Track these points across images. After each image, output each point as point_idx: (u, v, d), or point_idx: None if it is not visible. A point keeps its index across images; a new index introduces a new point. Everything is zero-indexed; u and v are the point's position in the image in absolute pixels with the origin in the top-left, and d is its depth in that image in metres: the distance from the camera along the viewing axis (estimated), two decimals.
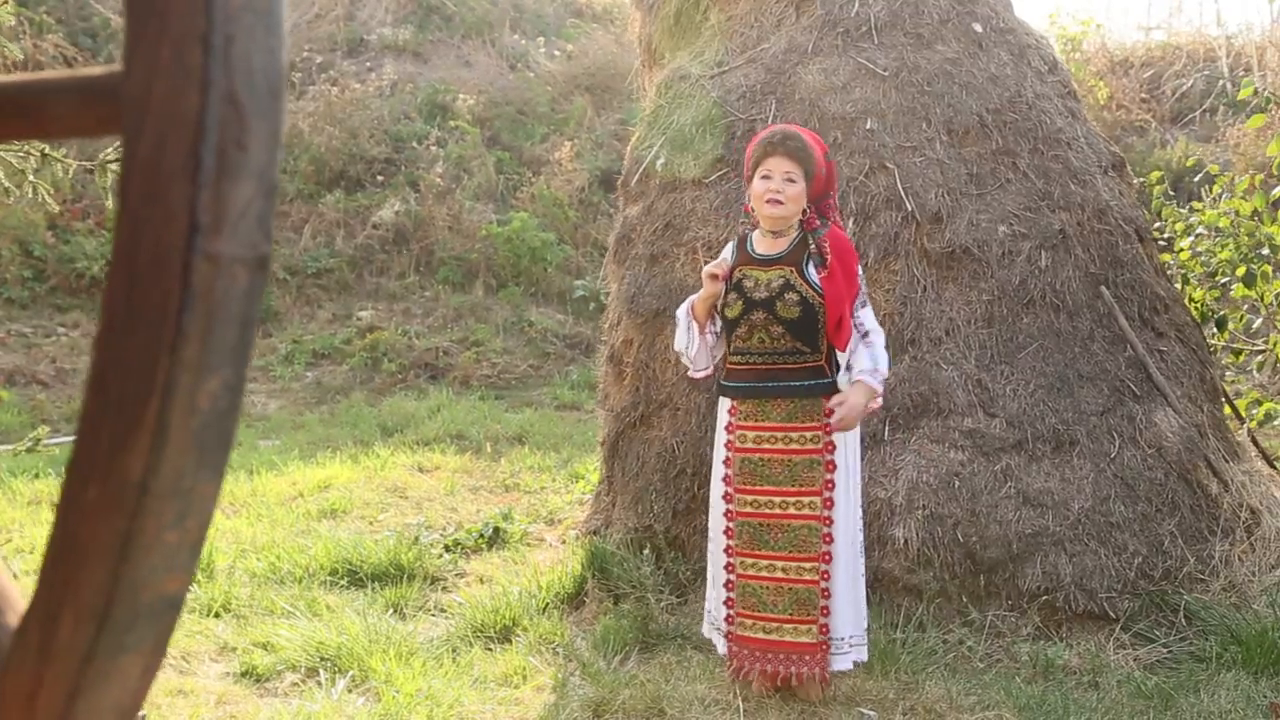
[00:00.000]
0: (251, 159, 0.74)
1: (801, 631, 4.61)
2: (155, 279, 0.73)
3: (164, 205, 0.72)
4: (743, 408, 4.68)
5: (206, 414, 0.75)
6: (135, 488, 0.74)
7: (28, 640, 0.79)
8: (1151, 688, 4.79)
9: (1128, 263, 6.08)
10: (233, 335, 0.75)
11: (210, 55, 0.72)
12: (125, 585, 0.76)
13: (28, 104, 0.81)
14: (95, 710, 0.79)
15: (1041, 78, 6.46)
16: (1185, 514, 5.53)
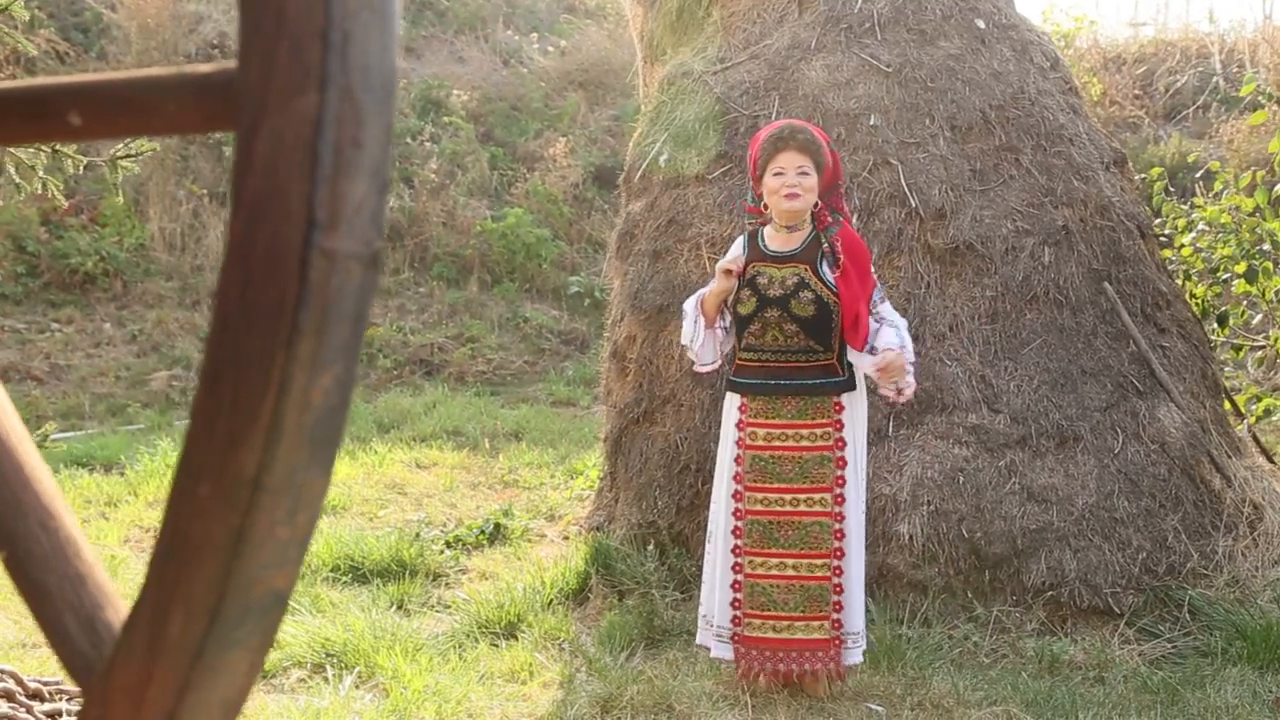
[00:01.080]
0: (366, 156, 0.74)
1: (814, 628, 4.61)
2: (271, 275, 0.73)
3: (281, 202, 0.72)
4: (753, 405, 4.67)
5: (319, 410, 0.76)
6: (249, 484, 0.74)
7: (136, 636, 0.79)
8: (1157, 683, 4.80)
9: (1130, 259, 6.10)
10: (346, 331, 0.76)
11: (328, 52, 0.72)
12: (237, 581, 0.76)
13: (136, 101, 0.81)
14: (204, 705, 0.79)
15: (1044, 74, 6.47)
16: (1189, 509, 5.55)
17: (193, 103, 0.79)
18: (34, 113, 0.86)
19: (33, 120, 0.87)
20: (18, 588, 0.87)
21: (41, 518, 0.89)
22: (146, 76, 0.81)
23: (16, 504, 0.89)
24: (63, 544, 0.88)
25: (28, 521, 0.88)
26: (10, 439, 0.92)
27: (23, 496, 0.89)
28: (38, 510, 0.89)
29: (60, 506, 0.90)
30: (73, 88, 0.84)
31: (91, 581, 0.87)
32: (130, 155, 3.91)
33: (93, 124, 0.83)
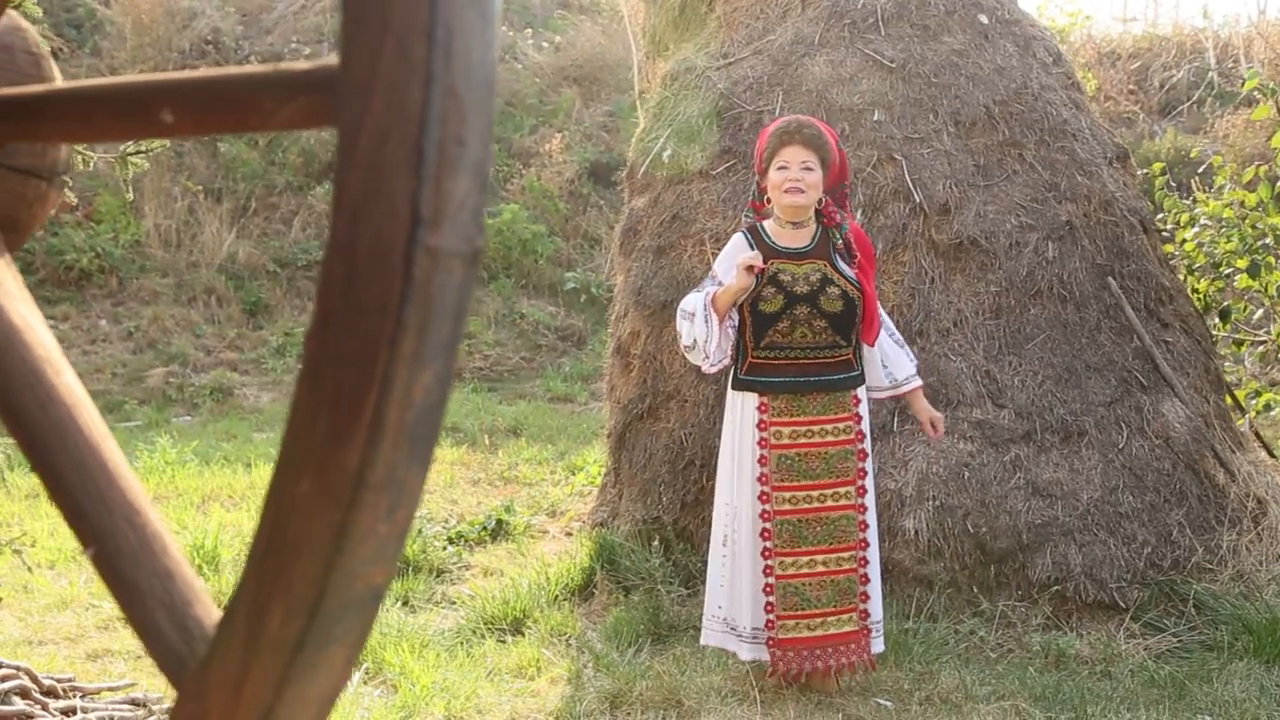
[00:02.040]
0: (469, 153, 0.74)
1: (844, 621, 4.62)
2: (375, 272, 0.73)
3: (386, 199, 0.72)
4: (775, 404, 4.63)
5: (420, 407, 0.76)
6: (351, 480, 0.74)
7: (234, 631, 0.79)
8: (1164, 677, 4.82)
9: (1133, 254, 6.11)
10: (447, 329, 0.76)
11: (433, 49, 0.72)
12: (338, 577, 0.76)
13: (231, 99, 0.81)
14: (302, 700, 0.79)
15: (1047, 69, 6.49)
16: (1193, 504, 5.57)
17: (291, 100, 0.79)
18: (123, 110, 0.86)
19: (122, 117, 0.87)
20: (107, 584, 0.88)
21: (128, 513, 0.89)
22: (241, 74, 0.81)
23: (103, 500, 0.89)
24: (150, 540, 0.88)
25: (114, 518, 0.88)
26: (94, 435, 0.92)
27: (108, 493, 0.89)
28: (124, 506, 0.89)
29: (145, 503, 0.90)
30: (164, 85, 0.84)
31: (180, 578, 0.88)
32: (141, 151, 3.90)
33: (184, 121, 0.83)
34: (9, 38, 1.07)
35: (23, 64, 1.09)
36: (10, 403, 0.92)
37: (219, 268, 13.94)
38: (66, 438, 0.91)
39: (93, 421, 0.93)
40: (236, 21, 16.92)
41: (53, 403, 0.92)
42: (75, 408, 0.93)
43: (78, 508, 0.89)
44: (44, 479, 0.91)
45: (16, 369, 0.93)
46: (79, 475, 0.90)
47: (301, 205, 14.85)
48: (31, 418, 0.91)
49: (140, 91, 0.85)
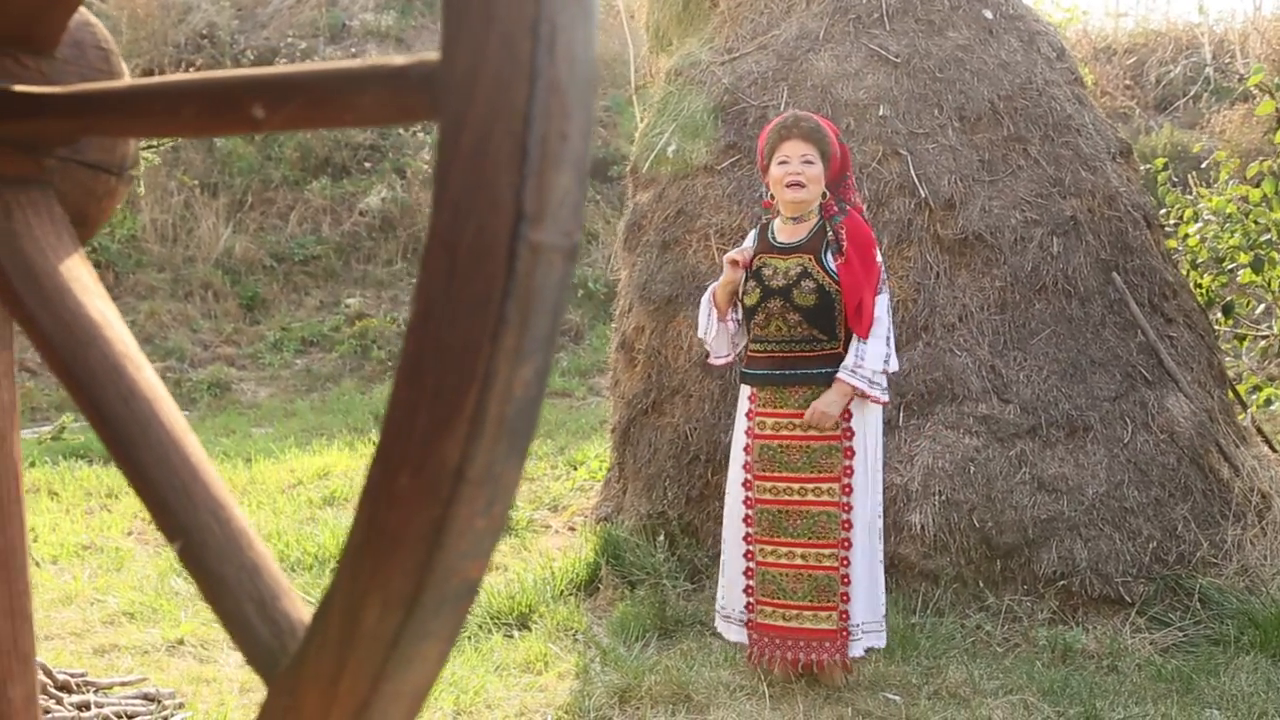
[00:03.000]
0: (571, 148, 0.74)
1: (822, 618, 4.62)
2: (478, 267, 0.73)
3: (489, 194, 0.73)
4: (762, 395, 4.69)
5: (519, 402, 0.76)
6: (451, 475, 0.74)
7: (329, 626, 0.79)
8: (1171, 671, 4.83)
9: (1137, 249, 6.12)
10: (547, 324, 0.76)
11: (538, 45, 0.72)
12: (436, 572, 0.76)
13: (325, 94, 0.81)
14: (397, 695, 0.79)
15: (1050, 64, 6.49)
16: (1198, 499, 5.58)
17: (390, 95, 0.79)
18: (213, 106, 0.86)
19: (211, 112, 0.87)
20: (195, 579, 0.88)
21: (212, 508, 0.89)
22: (336, 69, 0.81)
23: (188, 495, 0.89)
24: (235, 534, 0.88)
25: (199, 512, 0.88)
26: (176, 429, 0.92)
27: (193, 487, 0.89)
28: (208, 501, 0.89)
29: (228, 498, 0.90)
30: (255, 80, 0.84)
31: (266, 572, 0.88)
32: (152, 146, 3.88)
33: (276, 117, 0.83)
34: (80, 33, 1.07)
35: (93, 59, 1.09)
36: (92, 398, 0.92)
37: (215, 263, 13.92)
38: (150, 432, 0.91)
39: (174, 416, 0.92)
40: (232, 16, 16.89)
41: (134, 398, 0.92)
42: (156, 402, 0.93)
43: (163, 502, 0.89)
44: (128, 474, 0.91)
45: (98, 364, 0.93)
46: (164, 470, 0.90)
47: (298, 200, 14.83)
48: (115, 413, 0.91)
49: (230, 86, 0.85)
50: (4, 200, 0.99)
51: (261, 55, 16.34)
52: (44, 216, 1.00)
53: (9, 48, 1.00)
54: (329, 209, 14.78)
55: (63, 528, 6.95)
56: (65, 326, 0.94)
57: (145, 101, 0.90)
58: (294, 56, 16.56)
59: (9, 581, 1.00)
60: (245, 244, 14.17)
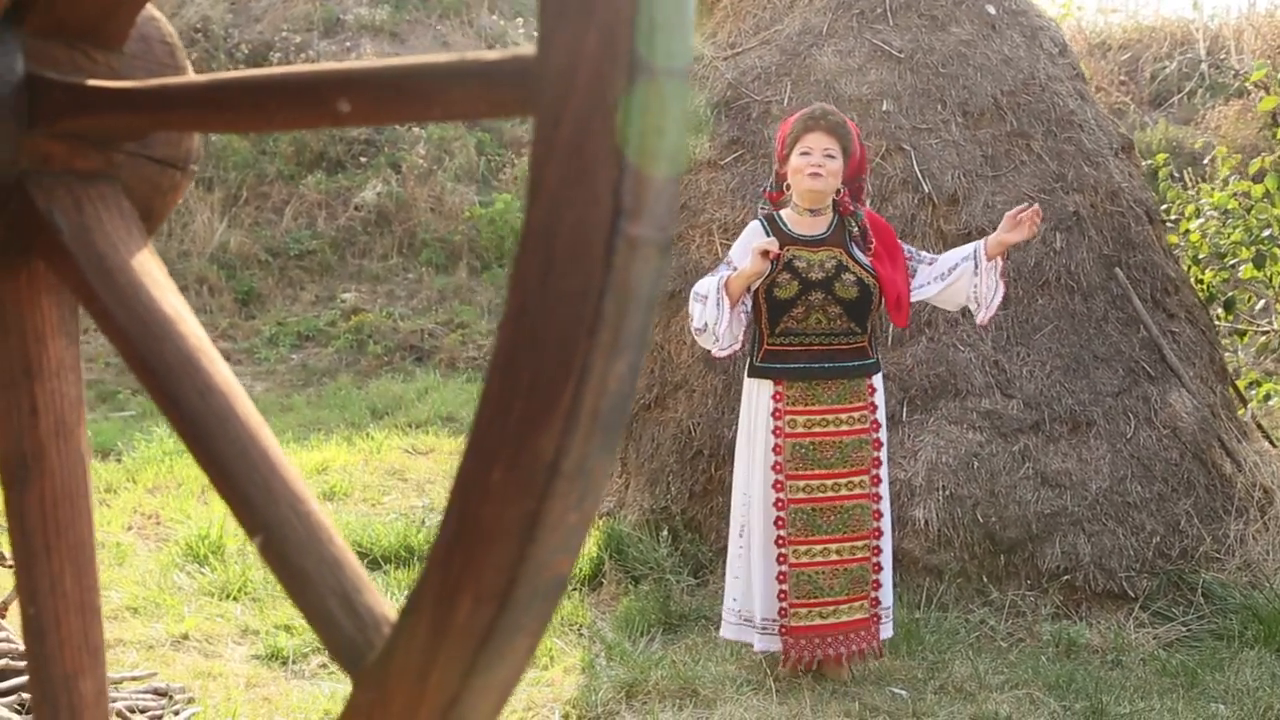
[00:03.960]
0: (668, 142, 0.74)
1: (856, 609, 4.64)
2: (574, 261, 0.73)
3: (588, 188, 0.73)
4: (790, 391, 4.64)
5: (613, 396, 0.76)
6: (546, 470, 0.74)
7: (419, 620, 0.80)
8: (1176, 665, 4.85)
9: (1139, 244, 6.14)
10: (641, 318, 0.76)
11: (637, 38, 0.72)
12: (529, 566, 0.76)
13: (414, 88, 0.81)
14: (486, 688, 0.79)
15: (1053, 60, 6.51)
16: (1200, 494, 5.60)
17: (482, 90, 0.79)
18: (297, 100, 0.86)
19: (294, 107, 0.87)
20: (276, 573, 0.88)
21: (292, 502, 0.89)
22: (425, 64, 0.81)
23: (268, 488, 0.89)
24: (315, 528, 0.88)
25: (280, 506, 0.88)
26: (252, 423, 0.92)
27: (272, 481, 0.89)
28: (288, 495, 0.89)
29: (306, 492, 0.90)
30: (341, 75, 0.84)
31: (348, 565, 0.88)
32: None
33: (363, 111, 0.83)
34: (145, 27, 1.07)
35: (159, 54, 1.09)
36: (169, 393, 0.92)
37: (210, 257, 13.88)
38: (228, 427, 0.91)
39: (250, 410, 0.93)
40: (226, 10, 16.85)
41: (211, 392, 0.92)
42: (232, 396, 0.93)
43: (244, 497, 0.89)
44: (207, 469, 0.91)
45: (173, 359, 0.93)
46: (243, 464, 0.90)
47: (293, 194, 14.79)
48: (192, 407, 0.91)
49: (313, 81, 0.85)
50: (75, 195, 0.99)
51: (255, 49, 16.30)
52: (114, 211, 1.00)
53: (79, 43, 1.00)
54: (324, 203, 14.75)
55: None
56: (140, 321, 0.94)
57: (226, 96, 0.90)
58: (288, 51, 16.53)
59: (79, 576, 1.00)
60: (240, 238, 14.14)
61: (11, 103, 0.96)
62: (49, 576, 0.98)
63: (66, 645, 0.98)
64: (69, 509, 1.00)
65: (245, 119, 0.91)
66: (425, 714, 0.80)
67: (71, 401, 1.01)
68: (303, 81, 0.85)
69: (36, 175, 0.98)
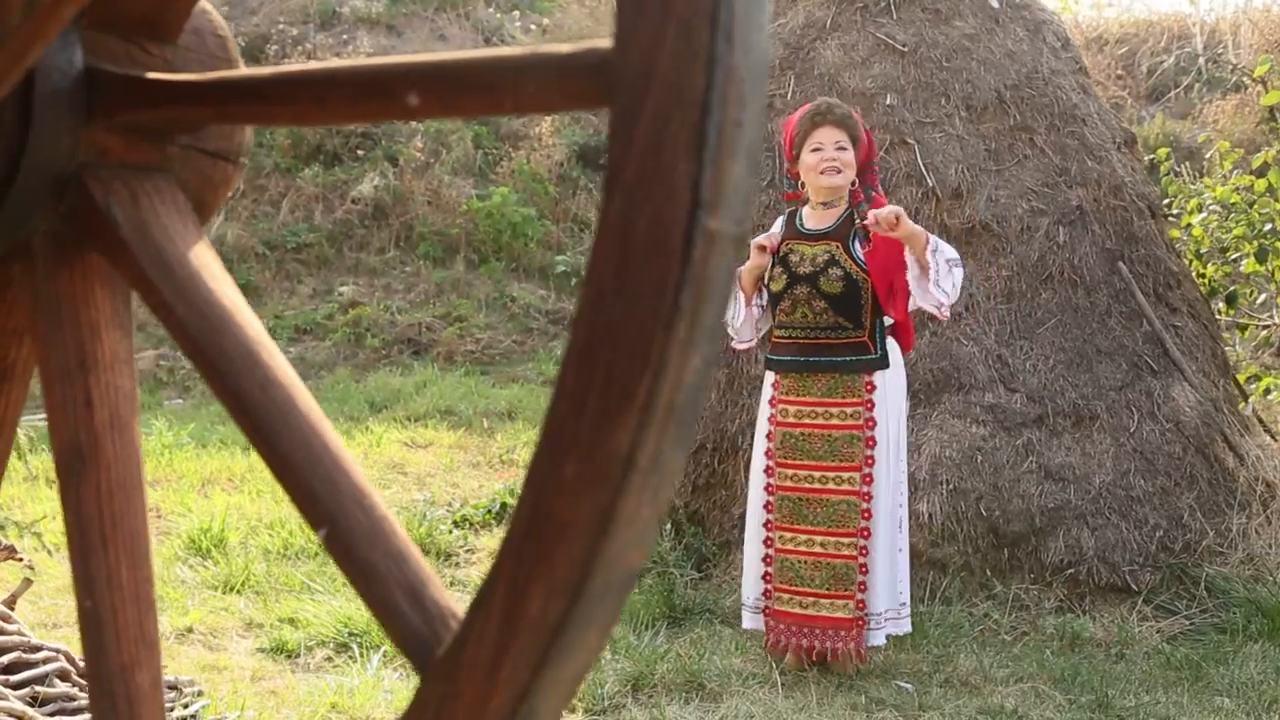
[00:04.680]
0: (746, 136, 0.75)
1: (838, 606, 4.64)
2: (653, 256, 0.73)
3: (666, 182, 0.73)
4: (785, 382, 4.71)
5: (688, 390, 0.76)
6: (621, 464, 0.75)
7: (490, 613, 0.80)
8: (1181, 659, 4.86)
9: (1142, 239, 6.15)
10: (716, 312, 0.76)
11: (716, 32, 0.72)
12: (602, 560, 0.76)
13: (485, 82, 0.81)
14: (557, 682, 0.80)
15: (1056, 54, 6.51)
16: (1203, 488, 5.61)
17: (557, 83, 0.79)
18: (363, 93, 0.86)
19: (361, 100, 0.87)
20: (342, 566, 0.88)
21: (356, 496, 0.89)
22: (496, 57, 0.81)
23: (332, 482, 0.89)
24: (379, 522, 0.88)
25: (344, 500, 0.88)
26: (313, 416, 0.92)
27: (335, 475, 0.89)
28: (351, 489, 0.89)
29: (369, 485, 0.90)
30: (409, 68, 0.84)
31: (413, 559, 0.88)
32: None
33: (432, 104, 0.83)
34: (198, 20, 1.07)
35: (212, 47, 1.09)
36: (230, 387, 0.92)
37: None
38: (290, 420, 0.91)
39: (310, 404, 0.93)
40: (222, 1, 16.81)
41: (272, 385, 0.92)
42: (293, 389, 0.93)
43: (308, 490, 0.88)
44: (270, 462, 0.91)
45: (234, 351, 0.93)
46: (306, 457, 0.90)
47: (290, 187, 14.77)
48: (254, 401, 0.91)
49: (381, 74, 0.85)
50: (131, 188, 0.98)
51: (251, 42, 16.27)
52: (169, 204, 1.00)
53: (135, 36, 1.00)
54: (321, 196, 14.72)
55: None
56: (199, 314, 0.94)
57: (290, 89, 0.90)
58: (284, 43, 16.49)
59: (135, 568, 1.00)
60: (237, 232, 14.10)
61: (70, 95, 0.96)
62: (105, 569, 0.98)
63: (123, 637, 0.98)
64: (124, 501, 1.00)
65: (308, 112, 0.91)
66: (495, 707, 0.80)
67: (126, 394, 1.01)
68: (369, 75, 0.85)
69: (93, 168, 0.98)
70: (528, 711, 0.80)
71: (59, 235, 1.00)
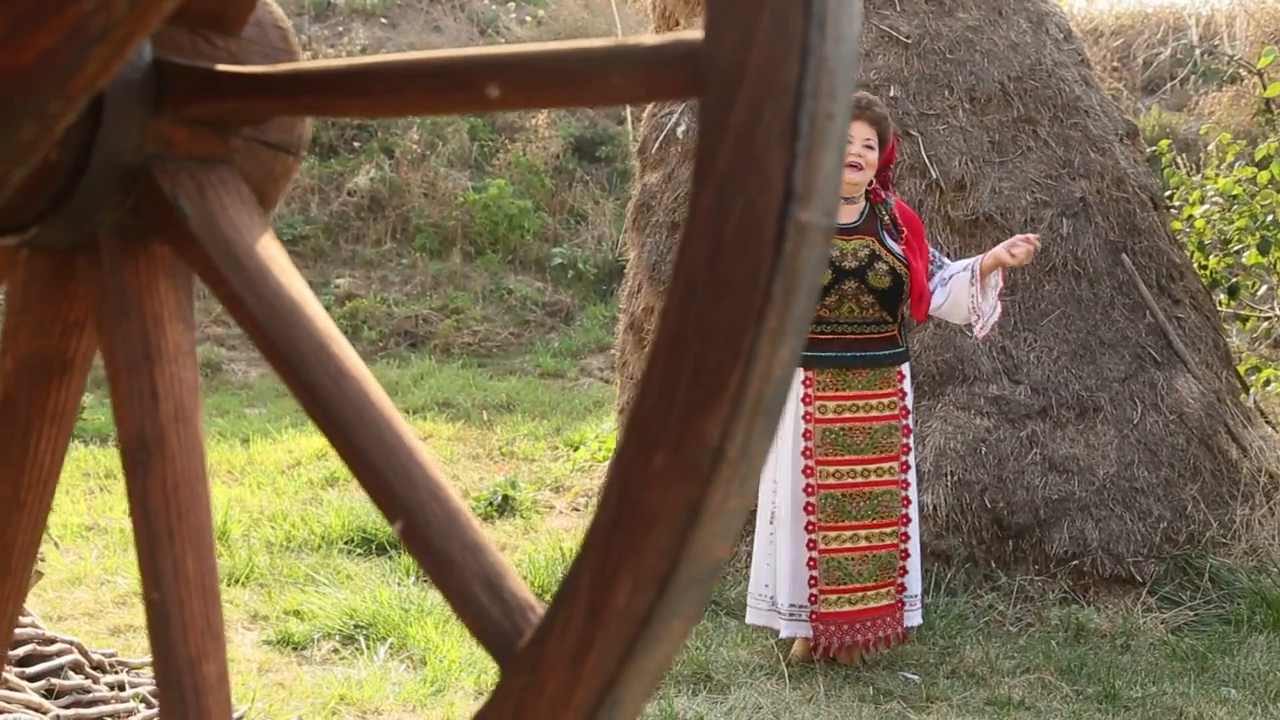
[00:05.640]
0: (836, 127, 0.74)
1: (882, 594, 4.66)
2: (744, 246, 0.73)
3: (758, 173, 0.73)
4: (821, 378, 4.65)
5: (777, 382, 0.76)
6: (711, 455, 0.75)
7: (575, 604, 0.80)
8: (1186, 650, 4.88)
9: (1145, 230, 6.16)
10: (806, 304, 0.76)
11: (810, 23, 0.72)
12: (690, 552, 0.76)
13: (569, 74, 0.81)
14: (642, 673, 0.80)
15: (1059, 45, 6.51)
16: (1207, 479, 5.62)
17: (644, 74, 0.79)
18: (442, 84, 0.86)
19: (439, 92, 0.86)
20: (419, 558, 0.87)
21: (430, 488, 0.89)
22: (578, 49, 0.81)
23: (407, 474, 0.89)
24: (455, 514, 0.88)
25: (419, 492, 0.88)
26: (386, 409, 0.92)
27: (410, 467, 0.89)
28: (426, 481, 0.89)
29: (443, 477, 0.90)
30: (491, 59, 0.84)
31: (489, 551, 0.88)
32: None
33: (513, 96, 0.83)
34: (260, 11, 1.07)
35: (274, 38, 1.09)
36: (304, 379, 0.92)
37: None
38: (364, 412, 0.90)
39: (381, 396, 0.92)
40: None
41: (345, 377, 0.92)
42: (364, 381, 0.93)
43: (384, 482, 0.88)
44: (344, 454, 0.91)
45: (305, 344, 0.93)
46: (381, 449, 0.89)
47: None
48: (327, 393, 0.91)
49: (460, 65, 0.84)
50: (197, 180, 0.98)
51: None
52: (234, 196, 0.99)
53: (201, 28, 1.00)
54: (317, 188, 14.69)
55: (64, 508, 6.91)
56: (269, 307, 0.94)
57: (364, 81, 0.89)
58: None
59: (200, 559, 1.00)
60: None
61: (140, 87, 0.95)
62: (172, 560, 0.98)
63: (190, 629, 0.98)
64: (189, 493, 0.99)
65: (382, 103, 0.90)
66: (580, 698, 0.80)
67: (189, 386, 1.01)
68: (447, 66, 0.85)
69: (161, 160, 0.98)
70: (612, 703, 0.80)
71: (125, 228, 1.00)
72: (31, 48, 0.75)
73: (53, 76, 0.76)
